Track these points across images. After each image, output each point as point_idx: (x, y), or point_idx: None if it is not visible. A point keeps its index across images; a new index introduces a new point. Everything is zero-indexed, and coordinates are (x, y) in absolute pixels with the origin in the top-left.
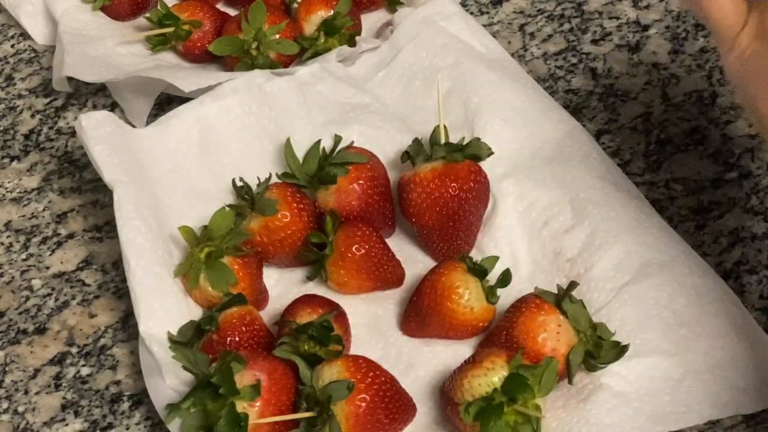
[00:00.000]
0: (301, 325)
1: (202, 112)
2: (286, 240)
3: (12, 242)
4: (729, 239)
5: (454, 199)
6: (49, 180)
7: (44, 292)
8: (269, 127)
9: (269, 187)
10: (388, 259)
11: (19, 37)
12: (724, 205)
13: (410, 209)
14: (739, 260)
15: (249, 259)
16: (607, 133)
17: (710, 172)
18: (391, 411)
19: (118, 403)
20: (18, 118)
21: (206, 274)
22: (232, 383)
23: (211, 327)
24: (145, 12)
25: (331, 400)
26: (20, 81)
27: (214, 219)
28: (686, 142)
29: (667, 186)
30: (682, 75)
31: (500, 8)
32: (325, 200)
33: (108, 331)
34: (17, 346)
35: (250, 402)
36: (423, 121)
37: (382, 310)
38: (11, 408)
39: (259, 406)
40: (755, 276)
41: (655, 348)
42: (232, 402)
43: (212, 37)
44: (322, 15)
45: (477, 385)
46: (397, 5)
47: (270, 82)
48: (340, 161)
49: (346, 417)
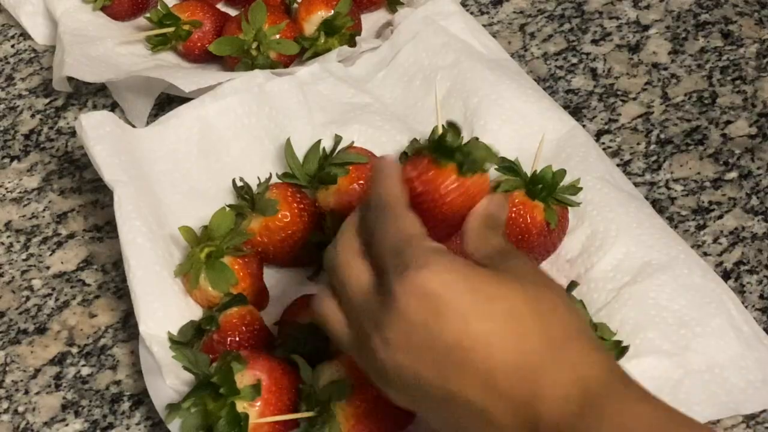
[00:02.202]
0: (301, 325)
1: (203, 112)
2: (286, 240)
3: (12, 242)
4: (729, 239)
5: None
6: (49, 180)
7: (44, 292)
8: (269, 127)
9: (269, 187)
10: None
11: (19, 37)
12: (724, 205)
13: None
14: (739, 260)
15: (249, 259)
16: (607, 133)
17: (710, 172)
18: (391, 411)
19: (118, 403)
20: (18, 118)
21: (207, 274)
22: (233, 383)
23: (211, 327)
24: (145, 12)
25: (331, 400)
26: (20, 81)
27: (215, 219)
28: (686, 142)
29: (667, 186)
30: (682, 75)
31: (500, 8)
32: (325, 200)
33: (108, 331)
34: (17, 346)
35: (250, 402)
36: (423, 121)
37: None
38: (11, 408)
39: (259, 406)
40: (755, 276)
41: (655, 348)
42: (232, 402)
43: (212, 37)
44: (323, 15)
45: None
46: (397, 5)
47: (270, 82)
48: (340, 161)
49: (347, 417)
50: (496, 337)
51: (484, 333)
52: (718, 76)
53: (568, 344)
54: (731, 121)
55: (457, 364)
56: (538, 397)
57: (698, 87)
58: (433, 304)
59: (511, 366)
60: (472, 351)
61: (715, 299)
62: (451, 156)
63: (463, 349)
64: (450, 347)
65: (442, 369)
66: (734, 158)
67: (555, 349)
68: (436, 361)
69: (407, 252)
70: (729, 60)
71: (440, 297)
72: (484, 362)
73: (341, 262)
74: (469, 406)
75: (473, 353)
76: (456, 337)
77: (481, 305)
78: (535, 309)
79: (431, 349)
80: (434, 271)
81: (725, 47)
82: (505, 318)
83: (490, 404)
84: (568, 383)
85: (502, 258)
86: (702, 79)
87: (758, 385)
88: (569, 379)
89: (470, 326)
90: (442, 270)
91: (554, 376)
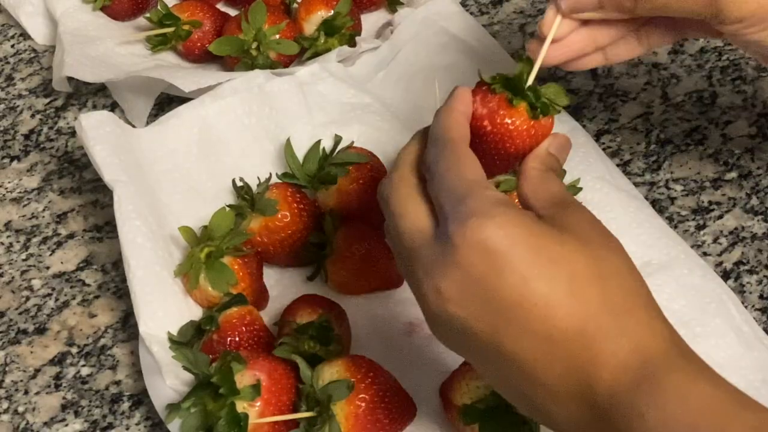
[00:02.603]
0: (301, 325)
1: (202, 112)
2: (286, 240)
3: (12, 242)
4: (729, 239)
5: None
6: (49, 180)
7: (44, 292)
8: (269, 127)
9: (269, 188)
10: (388, 259)
11: (19, 37)
12: (724, 205)
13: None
14: (739, 260)
15: (249, 259)
16: (607, 133)
17: (710, 172)
18: (391, 411)
19: (118, 403)
20: (18, 118)
21: (206, 274)
22: (232, 383)
23: (211, 327)
24: (145, 12)
25: (331, 400)
26: (20, 81)
27: (214, 219)
28: (686, 142)
29: (667, 186)
30: (682, 75)
31: (500, 8)
32: (325, 200)
33: (108, 331)
34: (17, 346)
35: (250, 402)
36: (423, 121)
37: (382, 310)
38: (11, 408)
39: (259, 406)
40: (755, 276)
41: None
42: (232, 402)
43: (212, 37)
44: (322, 15)
45: (476, 387)
46: (397, 5)
47: (270, 82)
48: (340, 161)
49: (346, 417)
50: (556, 300)
51: (544, 295)
52: (718, 76)
53: (629, 311)
54: (731, 121)
55: (512, 323)
56: (595, 364)
57: (698, 87)
58: (494, 259)
59: (571, 331)
60: (531, 312)
61: (715, 299)
62: (524, 95)
63: (521, 309)
64: (507, 306)
65: (496, 326)
66: (734, 158)
67: (615, 316)
68: (490, 317)
69: (469, 201)
70: (729, 60)
71: (502, 253)
72: (543, 324)
73: (398, 196)
74: (521, 365)
75: (531, 314)
76: (514, 297)
77: (544, 267)
78: (596, 273)
79: (486, 304)
80: (498, 225)
81: (725, 47)
82: (567, 281)
83: (544, 366)
84: (628, 351)
85: (562, 209)
86: (702, 79)
87: (758, 385)
88: (629, 347)
89: (530, 287)
90: (507, 224)
91: (614, 343)
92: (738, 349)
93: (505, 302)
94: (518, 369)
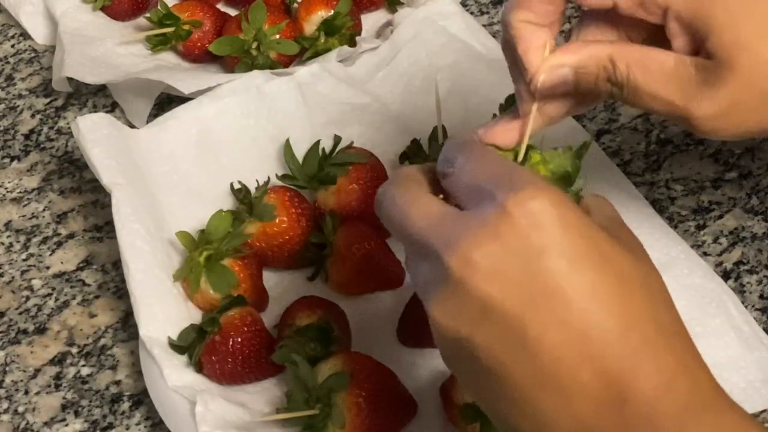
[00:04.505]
0: (300, 327)
1: (201, 114)
2: (284, 245)
3: (12, 242)
4: (729, 239)
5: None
6: (49, 180)
7: (44, 292)
8: (268, 127)
9: (268, 191)
10: (388, 259)
11: (19, 37)
12: (724, 205)
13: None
14: (739, 260)
15: (249, 260)
16: (607, 133)
17: (710, 172)
18: (392, 403)
19: (118, 403)
20: (18, 118)
21: (207, 277)
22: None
23: (213, 329)
24: (145, 12)
25: (332, 392)
26: (20, 81)
27: (212, 222)
28: (686, 142)
29: (667, 186)
30: None
31: (500, 8)
32: (325, 200)
33: (108, 331)
34: (17, 346)
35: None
36: (423, 121)
37: (382, 310)
38: (11, 408)
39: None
40: (755, 276)
41: None
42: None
43: (212, 37)
44: (322, 15)
45: None
46: (397, 5)
47: (269, 82)
48: (339, 161)
49: (348, 407)
50: (601, 296)
51: (589, 284)
52: None
53: (676, 333)
54: None
55: (543, 310)
56: (636, 374)
57: None
58: (541, 236)
59: (613, 333)
60: (570, 302)
61: (715, 299)
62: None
63: (557, 297)
64: (542, 290)
65: (524, 309)
66: (734, 158)
67: (662, 332)
68: (521, 297)
69: (522, 173)
70: None
71: (551, 233)
72: (581, 316)
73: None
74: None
75: (570, 305)
76: (554, 282)
77: (593, 257)
78: (646, 283)
79: (518, 284)
80: (553, 203)
81: None
82: (616, 280)
83: (570, 365)
84: (675, 372)
85: (618, 225)
86: None
87: (758, 385)
88: (676, 368)
89: (575, 272)
90: (561, 204)
91: (661, 359)
92: (738, 349)
93: (542, 286)
94: (533, 363)
